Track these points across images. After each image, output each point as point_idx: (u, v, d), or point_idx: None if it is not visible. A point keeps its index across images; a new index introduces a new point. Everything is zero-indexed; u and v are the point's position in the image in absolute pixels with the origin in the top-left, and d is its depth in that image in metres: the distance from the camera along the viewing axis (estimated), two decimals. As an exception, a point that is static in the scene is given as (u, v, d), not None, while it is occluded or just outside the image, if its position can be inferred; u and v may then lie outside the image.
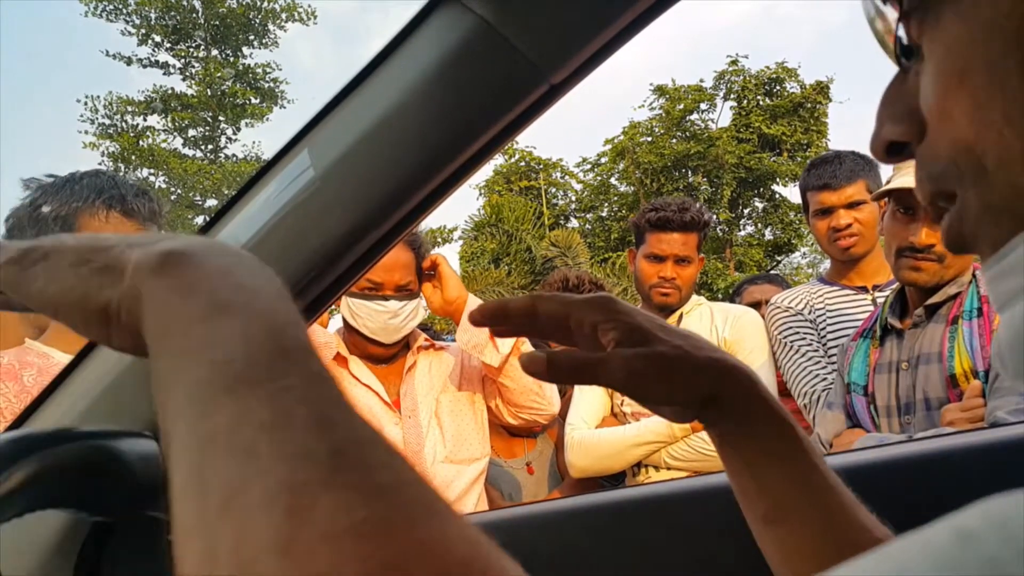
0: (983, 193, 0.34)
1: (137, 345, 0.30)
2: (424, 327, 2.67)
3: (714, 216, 21.52)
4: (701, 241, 2.00)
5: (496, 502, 2.05)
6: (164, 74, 20.34)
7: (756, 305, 2.30)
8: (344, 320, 1.72)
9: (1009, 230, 0.33)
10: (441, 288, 1.69)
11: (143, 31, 19.47)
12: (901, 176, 1.40)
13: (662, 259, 1.95)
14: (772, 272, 14.22)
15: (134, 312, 0.31)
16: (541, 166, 23.58)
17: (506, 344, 1.64)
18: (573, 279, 2.44)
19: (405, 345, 1.76)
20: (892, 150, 0.39)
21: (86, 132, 19.73)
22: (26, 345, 1.31)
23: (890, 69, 0.42)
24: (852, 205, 1.84)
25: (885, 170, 1.90)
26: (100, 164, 19.23)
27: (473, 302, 1.68)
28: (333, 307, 1.81)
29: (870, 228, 1.85)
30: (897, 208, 1.40)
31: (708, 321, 1.96)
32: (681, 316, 1.97)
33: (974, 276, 1.36)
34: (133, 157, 19.05)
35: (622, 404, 1.95)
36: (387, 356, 1.73)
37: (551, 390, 1.77)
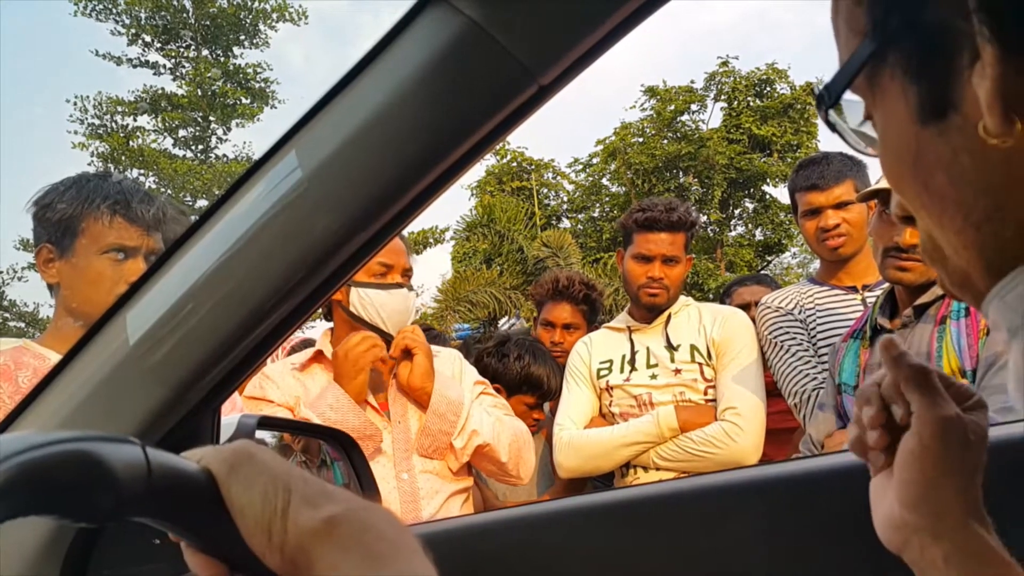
0: (947, 273, 0.40)
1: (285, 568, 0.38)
2: (425, 328, 2.67)
3: (705, 217, 21.60)
4: (689, 241, 2.00)
5: (490, 503, 2.05)
6: (154, 74, 20.17)
7: (745, 307, 2.31)
8: (350, 315, 1.65)
9: (972, 300, 0.39)
10: (410, 373, 1.61)
11: (133, 31, 19.30)
12: (889, 177, 1.40)
13: (650, 259, 1.95)
14: (763, 272, 14.26)
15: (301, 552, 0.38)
16: (533, 166, 23.57)
17: (466, 452, 1.61)
18: (564, 280, 2.44)
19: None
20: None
21: (75, 132, 19.61)
22: (23, 345, 1.31)
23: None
24: (840, 205, 1.85)
25: (873, 171, 1.91)
26: (90, 164, 19.12)
27: (439, 397, 1.60)
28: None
29: (858, 228, 1.86)
30: (883, 208, 1.41)
31: (697, 322, 1.96)
32: (670, 317, 1.97)
33: (962, 276, 1.37)
34: (123, 157, 18.90)
35: (611, 404, 1.95)
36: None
37: (524, 468, 1.70)
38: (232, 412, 1.41)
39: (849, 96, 0.40)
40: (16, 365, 1.24)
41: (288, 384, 1.61)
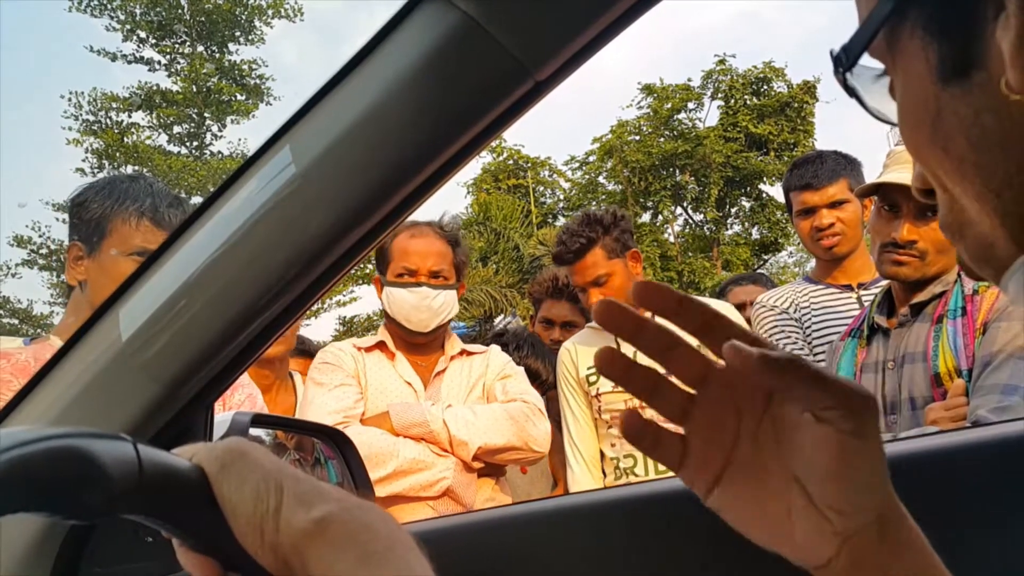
0: (967, 246, 0.38)
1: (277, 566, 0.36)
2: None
3: (702, 215, 21.63)
4: (619, 242, 1.91)
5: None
6: (149, 70, 20.06)
7: (741, 306, 2.31)
8: (386, 312, 1.78)
9: (992, 274, 0.37)
10: None
11: (128, 27, 19.20)
12: (887, 173, 1.41)
13: (584, 289, 1.94)
14: (759, 271, 14.28)
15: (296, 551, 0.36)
16: (529, 164, 23.57)
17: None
18: (563, 278, 2.44)
19: (440, 345, 1.81)
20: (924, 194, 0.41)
21: (70, 128, 19.45)
22: (48, 342, 1.31)
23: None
24: (834, 204, 1.85)
25: (868, 169, 1.92)
26: (84, 161, 19.07)
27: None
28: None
29: (853, 227, 1.86)
30: (882, 204, 1.41)
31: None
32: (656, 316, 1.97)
33: (959, 275, 1.37)
34: (118, 154, 18.81)
35: (600, 411, 1.93)
36: (423, 345, 1.78)
37: (535, 442, 1.69)
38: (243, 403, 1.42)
39: (867, 62, 0.38)
40: (37, 361, 1.25)
41: (357, 358, 1.73)
